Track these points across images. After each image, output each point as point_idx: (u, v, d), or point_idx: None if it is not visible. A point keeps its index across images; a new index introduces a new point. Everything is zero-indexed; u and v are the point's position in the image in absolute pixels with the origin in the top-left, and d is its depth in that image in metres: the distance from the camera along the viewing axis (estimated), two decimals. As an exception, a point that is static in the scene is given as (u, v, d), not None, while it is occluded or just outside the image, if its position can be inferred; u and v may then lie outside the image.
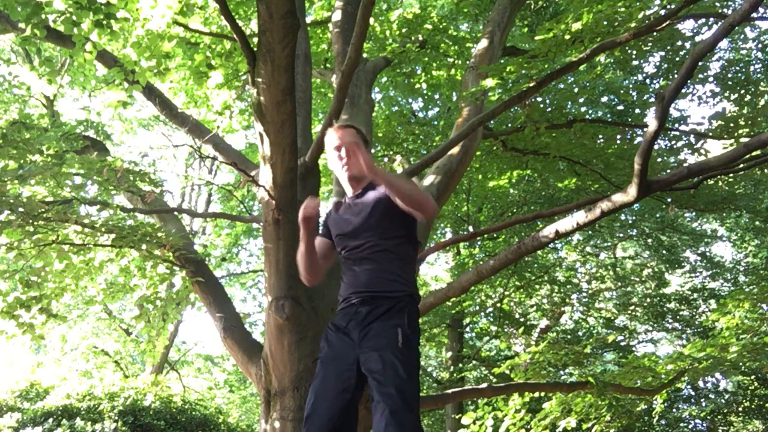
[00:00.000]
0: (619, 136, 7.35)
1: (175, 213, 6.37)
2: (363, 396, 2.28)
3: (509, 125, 7.05)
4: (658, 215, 11.06)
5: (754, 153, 3.73)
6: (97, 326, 13.39)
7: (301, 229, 2.40)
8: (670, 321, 13.59)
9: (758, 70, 7.38)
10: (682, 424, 13.95)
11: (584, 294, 13.47)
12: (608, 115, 8.77)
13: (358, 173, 2.41)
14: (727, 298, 6.27)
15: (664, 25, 4.41)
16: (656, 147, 7.25)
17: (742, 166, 4.18)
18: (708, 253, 14.01)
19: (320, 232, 2.59)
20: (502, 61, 5.09)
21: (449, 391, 6.77)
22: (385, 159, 7.81)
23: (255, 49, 3.49)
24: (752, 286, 7.75)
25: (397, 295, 2.27)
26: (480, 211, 11.50)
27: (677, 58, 7.09)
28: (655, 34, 5.61)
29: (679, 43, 6.81)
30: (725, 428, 13.58)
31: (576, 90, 7.41)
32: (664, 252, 12.83)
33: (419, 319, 2.37)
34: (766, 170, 6.94)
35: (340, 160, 2.46)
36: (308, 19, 7.78)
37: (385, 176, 2.23)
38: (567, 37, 4.57)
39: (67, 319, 6.76)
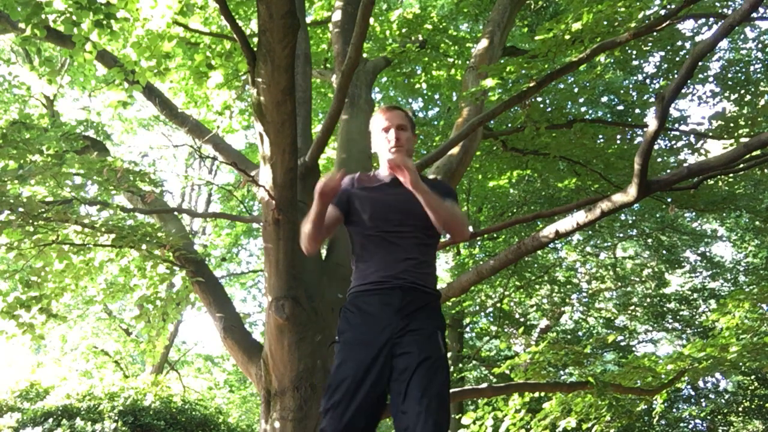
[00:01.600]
0: (619, 136, 7.35)
1: (175, 213, 6.37)
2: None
3: (509, 125, 7.05)
4: (658, 215, 11.06)
5: (754, 153, 3.73)
6: (97, 326, 13.39)
7: (315, 200, 2.22)
8: (670, 321, 13.59)
9: (758, 70, 7.38)
10: (682, 424, 13.95)
11: (584, 294, 13.47)
12: (608, 115, 8.77)
13: (403, 162, 2.24)
14: (727, 298, 6.27)
15: (664, 25, 4.41)
16: (656, 147, 7.25)
17: (742, 166, 4.19)
18: (708, 253, 14.01)
19: (333, 201, 2.38)
20: (502, 61, 5.08)
21: (449, 390, 6.76)
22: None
23: (255, 49, 3.49)
24: (752, 286, 7.76)
25: (432, 292, 2.24)
26: (480, 211, 11.50)
27: (677, 58, 7.09)
28: (655, 34, 5.61)
29: (679, 43, 6.82)
30: (725, 428, 13.58)
31: (576, 90, 7.41)
32: (664, 252, 12.83)
33: None
34: (766, 170, 6.94)
35: (388, 142, 2.33)
36: (308, 19, 7.78)
37: (426, 194, 2.15)
38: (567, 37, 4.57)
39: (67, 319, 6.77)
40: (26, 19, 4.49)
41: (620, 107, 8.74)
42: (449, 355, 12.70)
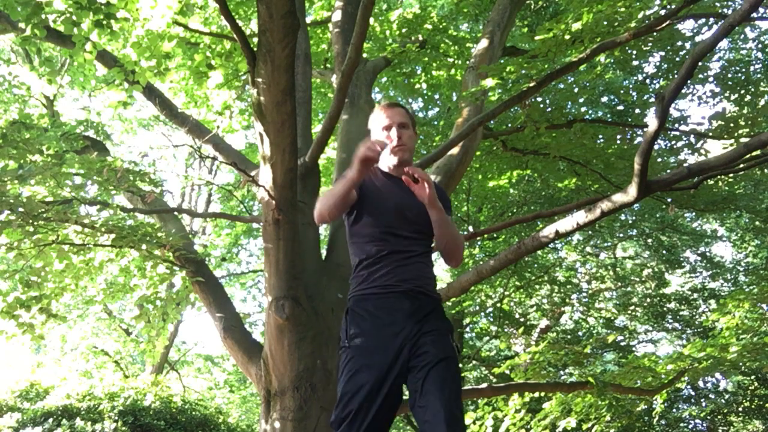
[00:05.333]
0: (619, 136, 7.34)
1: (175, 213, 6.37)
2: None
3: (509, 125, 7.04)
4: (658, 215, 11.06)
5: (754, 153, 3.73)
6: (97, 326, 13.39)
7: (354, 168, 2.07)
8: (670, 321, 13.58)
9: (758, 70, 7.38)
10: (682, 424, 13.95)
11: (584, 294, 13.47)
12: (608, 115, 8.77)
13: (406, 160, 2.26)
14: (727, 298, 6.27)
15: (664, 25, 4.41)
16: (656, 147, 7.25)
17: (742, 166, 4.18)
18: (708, 253, 14.00)
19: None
20: (502, 61, 5.09)
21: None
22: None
23: (255, 49, 3.49)
24: (752, 286, 7.76)
25: (436, 297, 2.24)
26: (480, 211, 11.49)
27: (677, 58, 7.09)
28: (655, 34, 5.61)
29: (679, 43, 6.81)
30: (725, 428, 13.57)
31: (576, 90, 7.40)
32: (664, 252, 12.83)
33: None
34: (766, 170, 6.94)
35: (390, 141, 2.26)
36: (308, 19, 7.78)
37: (440, 213, 2.16)
38: (567, 37, 4.57)
39: (67, 319, 6.77)
40: (26, 19, 4.49)
41: (620, 107, 8.73)
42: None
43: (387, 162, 2.33)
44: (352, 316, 2.17)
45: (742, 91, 7.00)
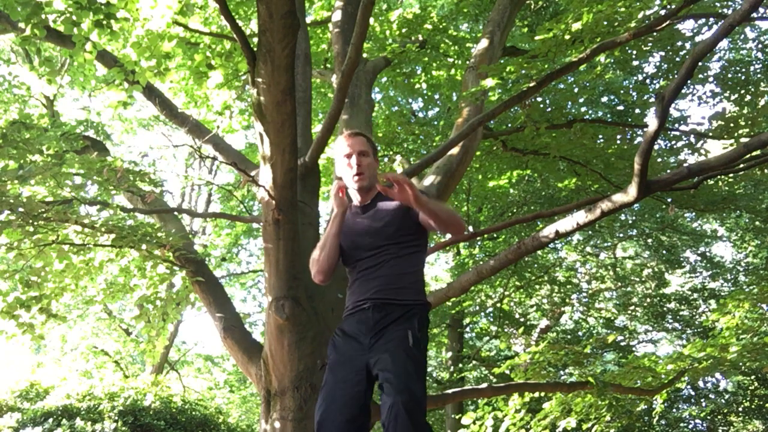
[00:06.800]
0: (619, 136, 7.34)
1: (175, 213, 6.37)
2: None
3: (509, 125, 7.05)
4: (658, 215, 11.06)
5: (754, 153, 3.73)
6: (97, 326, 13.40)
7: (334, 206, 2.42)
8: (670, 321, 13.58)
9: (758, 70, 7.38)
10: (682, 424, 13.95)
11: (584, 294, 13.47)
12: (608, 115, 8.76)
13: (369, 185, 2.45)
14: (727, 298, 6.27)
15: (664, 25, 4.41)
16: (656, 147, 7.25)
17: (742, 166, 4.18)
18: (708, 253, 14.00)
19: None
20: (502, 61, 5.09)
21: (449, 391, 6.76)
22: (386, 159, 7.81)
23: (255, 49, 3.49)
24: (752, 286, 7.76)
25: (409, 303, 2.30)
26: (480, 211, 11.50)
27: (677, 58, 7.09)
28: (655, 34, 5.61)
29: (679, 43, 6.81)
30: (725, 428, 13.58)
31: (576, 90, 7.40)
32: (664, 252, 12.83)
33: (429, 327, 2.40)
34: (766, 170, 6.93)
35: (350, 168, 2.44)
36: (308, 19, 7.78)
37: (428, 204, 2.25)
38: (567, 37, 4.57)
39: (67, 319, 6.76)
40: (26, 19, 4.49)
41: (620, 107, 8.72)
42: (449, 355, 12.72)
43: (352, 191, 2.50)
44: (332, 338, 2.38)
45: (742, 91, 7.00)
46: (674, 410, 13.66)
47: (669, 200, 7.20)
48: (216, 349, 20.89)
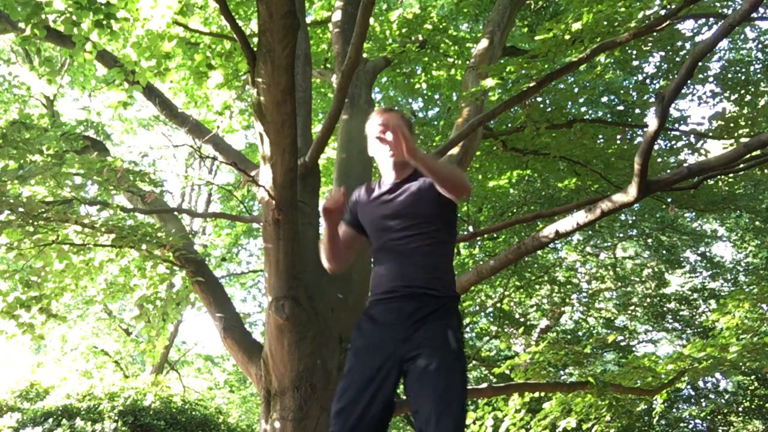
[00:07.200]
0: (619, 136, 7.35)
1: (175, 213, 6.37)
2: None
3: (509, 125, 7.05)
4: (658, 215, 11.05)
5: (754, 153, 3.73)
6: (97, 326, 13.39)
7: (323, 220, 2.30)
8: (670, 321, 13.58)
9: (758, 70, 7.38)
10: (682, 424, 13.94)
11: (584, 294, 13.47)
12: (608, 115, 8.76)
13: (404, 159, 2.26)
14: (727, 298, 6.27)
15: (664, 25, 4.41)
16: (656, 147, 7.25)
17: (742, 166, 4.19)
18: (708, 253, 14.00)
19: (344, 218, 2.43)
20: (502, 61, 5.09)
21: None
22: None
23: (255, 49, 3.49)
24: (752, 286, 7.75)
25: (443, 295, 2.19)
26: (480, 211, 11.49)
27: (677, 58, 7.09)
28: (655, 34, 5.61)
29: (679, 43, 6.81)
30: (725, 428, 13.57)
31: (576, 90, 7.41)
32: (664, 252, 12.83)
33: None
34: (766, 170, 6.93)
35: (384, 144, 2.28)
36: (308, 19, 7.78)
37: (424, 159, 2.14)
38: (567, 37, 4.57)
39: (67, 319, 6.77)
40: (26, 19, 4.49)
41: (620, 107, 8.72)
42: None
43: (387, 169, 2.37)
44: (358, 321, 2.25)
45: (742, 91, 7.00)
46: (674, 410, 13.66)
47: (669, 200, 7.20)
48: (216, 349, 20.90)
